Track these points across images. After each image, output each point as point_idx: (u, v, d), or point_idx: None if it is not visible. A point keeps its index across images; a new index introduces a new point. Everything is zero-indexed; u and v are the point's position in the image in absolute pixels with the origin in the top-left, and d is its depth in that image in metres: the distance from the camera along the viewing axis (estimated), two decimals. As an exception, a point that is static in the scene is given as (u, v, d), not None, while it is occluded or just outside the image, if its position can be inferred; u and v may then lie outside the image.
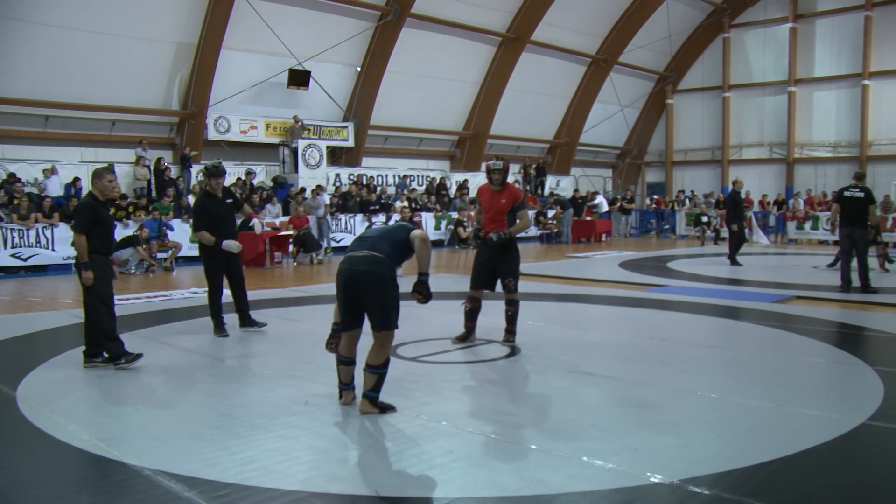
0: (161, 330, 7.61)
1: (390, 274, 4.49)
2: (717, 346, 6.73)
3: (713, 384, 5.28)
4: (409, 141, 23.23)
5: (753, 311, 8.61)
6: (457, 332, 6.87)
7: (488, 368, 5.91)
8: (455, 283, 10.58)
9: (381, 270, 4.44)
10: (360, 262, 4.46)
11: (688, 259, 15.83)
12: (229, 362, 6.08)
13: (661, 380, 5.39)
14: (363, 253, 4.50)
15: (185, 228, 15.32)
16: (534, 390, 5.28)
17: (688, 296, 9.79)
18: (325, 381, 5.37)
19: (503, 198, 6.58)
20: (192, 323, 8.06)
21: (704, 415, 4.56)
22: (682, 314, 8.50)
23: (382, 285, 4.43)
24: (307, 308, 9.22)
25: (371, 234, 4.74)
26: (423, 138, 23.55)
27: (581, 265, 14.65)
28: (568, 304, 9.35)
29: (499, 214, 6.57)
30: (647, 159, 31.36)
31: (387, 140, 22.91)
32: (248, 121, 19.19)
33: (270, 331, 7.55)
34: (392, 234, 4.67)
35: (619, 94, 27.84)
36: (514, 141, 26.23)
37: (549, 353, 6.39)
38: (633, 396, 5.00)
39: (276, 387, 5.26)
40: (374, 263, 4.44)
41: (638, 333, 7.29)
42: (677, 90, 29.86)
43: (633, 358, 6.18)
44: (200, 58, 17.49)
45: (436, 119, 23.33)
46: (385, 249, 4.52)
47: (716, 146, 28.76)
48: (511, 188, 6.64)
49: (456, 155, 24.97)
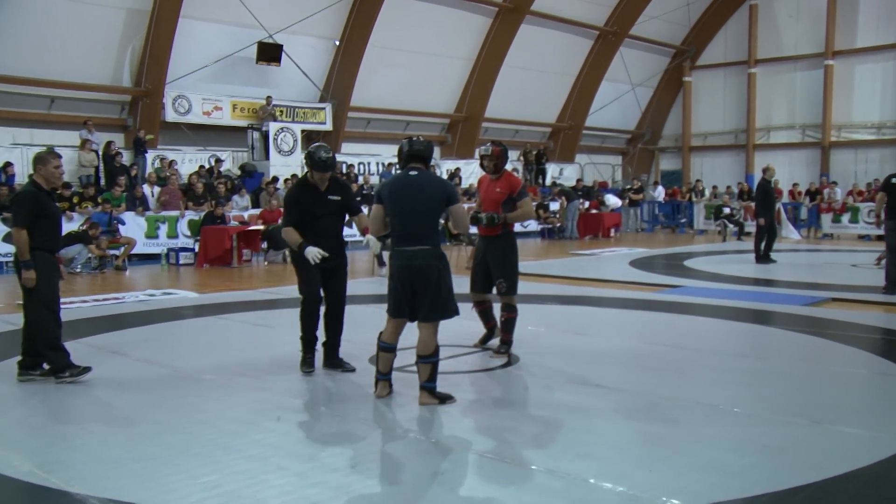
0: (113, 338, 7.56)
1: (443, 262, 5.10)
2: (741, 354, 6.76)
3: (737, 397, 5.29)
4: (394, 124, 23.21)
5: (783, 315, 8.65)
6: (453, 337, 6.92)
7: (484, 379, 5.92)
8: None
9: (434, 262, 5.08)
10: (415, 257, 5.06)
11: (707, 256, 15.88)
12: (191, 374, 6.05)
13: (678, 392, 5.41)
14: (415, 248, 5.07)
15: (139, 222, 15.27)
16: (534, 404, 5.29)
17: (707, 298, 9.80)
18: (300, 394, 5.35)
19: (498, 186, 6.59)
20: (149, 330, 8.01)
21: (727, 432, 4.57)
22: (700, 318, 8.52)
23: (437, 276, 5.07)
24: (279, 312, 9.19)
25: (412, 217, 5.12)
26: (409, 122, 23.52)
27: (587, 263, 14.66)
28: (572, 308, 9.36)
29: (494, 205, 6.57)
30: (662, 145, 31.46)
31: (369, 123, 22.87)
32: (211, 101, 19.12)
33: (238, 337, 7.52)
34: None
35: (630, 72, 27.91)
36: (512, 125, 26.26)
37: (552, 362, 6.39)
38: (645, 411, 5.01)
39: (244, 400, 5.24)
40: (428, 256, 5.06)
41: (651, 340, 7.31)
42: (696, 66, 29.94)
43: (645, 368, 6.19)
44: (155, 27, 17.37)
45: (424, 100, 23.33)
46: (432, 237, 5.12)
47: (740, 129, 28.85)
48: (508, 176, 6.65)
49: (447, 140, 24.97)
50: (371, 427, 4.74)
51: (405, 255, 5.05)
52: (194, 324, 8.41)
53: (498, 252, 6.57)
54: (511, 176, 6.68)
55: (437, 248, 5.10)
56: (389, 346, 5.24)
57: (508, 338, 6.65)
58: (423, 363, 5.11)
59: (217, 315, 8.84)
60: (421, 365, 5.13)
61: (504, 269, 6.56)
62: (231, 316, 8.76)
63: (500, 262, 6.56)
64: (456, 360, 6.47)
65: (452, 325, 7.08)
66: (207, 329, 8.12)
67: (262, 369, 6.15)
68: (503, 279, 6.55)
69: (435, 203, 5.05)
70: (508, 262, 6.58)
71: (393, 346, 5.24)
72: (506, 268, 6.57)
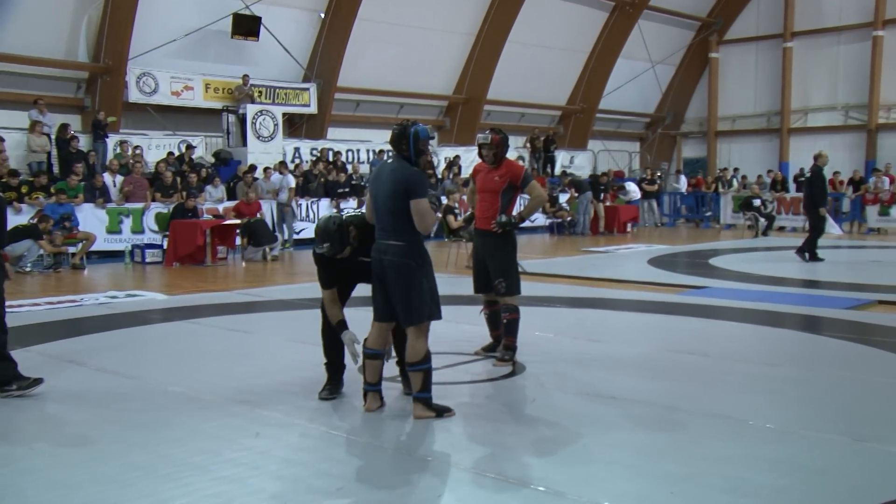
0: (68, 345, 7.55)
1: (416, 261, 5.06)
2: (774, 363, 6.75)
3: (769, 411, 5.29)
4: (386, 107, 23.21)
5: (822, 320, 8.66)
6: (453, 344, 6.94)
7: (486, 390, 5.92)
8: (445, 284, 10.39)
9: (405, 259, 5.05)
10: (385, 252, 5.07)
11: (735, 254, 15.89)
12: (158, 386, 6.04)
13: (703, 405, 5.40)
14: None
15: (99, 215, 15.25)
16: (541, 417, 5.28)
17: (735, 300, 9.82)
18: (279, 407, 5.35)
19: (497, 175, 6.57)
20: (111, 336, 8.00)
21: (758, 450, 4.56)
22: (728, 323, 8.53)
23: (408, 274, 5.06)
24: (258, 316, 9.19)
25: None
26: (403, 104, 23.52)
27: (600, 262, 14.67)
28: (584, 311, 9.37)
29: (491, 196, 6.57)
30: (685, 129, 31.49)
31: (358, 106, 22.87)
32: (181, 79, 19.12)
33: (212, 344, 7.51)
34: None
35: (650, 48, 27.92)
36: (518, 107, 26.29)
37: (561, 370, 6.39)
38: (666, 425, 5.01)
39: (218, 415, 5.24)
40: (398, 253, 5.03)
41: (672, 347, 7.32)
42: (724, 41, 29.94)
43: (666, 377, 6.19)
44: (115, -7, 17.29)
45: (420, 80, 23.32)
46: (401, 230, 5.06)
47: (773, 111, 28.88)
48: (508, 163, 6.64)
49: (445, 125, 24.98)
50: (360, 444, 4.73)
51: (379, 248, 5.15)
52: (162, 329, 8.39)
53: (494, 249, 6.57)
54: (511, 162, 6.68)
55: (411, 245, 5.07)
56: (375, 353, 5.26)
57: (512, 342, 6.63)
58: (413, 371, 5.14)
59: (188, 319, 8.83)
60: (411, 373, 5.16)
61: (502, 267, 6.55)
62: (204, 320, 8.75)
63: (498, 260, 6.55)
64: (455, 369, 6.46)
65: (451, 330, 7.09)
66: (177, 335, 8.10)
67: (238, 380, 6.14)
68: (502, 279, 6.53)
69: (398, 196, 5.02)
70: (506, 260, 6.57)
71: (379, 352, 5.27)
72: (504, 266, 6.55)
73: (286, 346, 7.59)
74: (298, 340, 7.56)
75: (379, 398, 5.32)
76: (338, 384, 5.70)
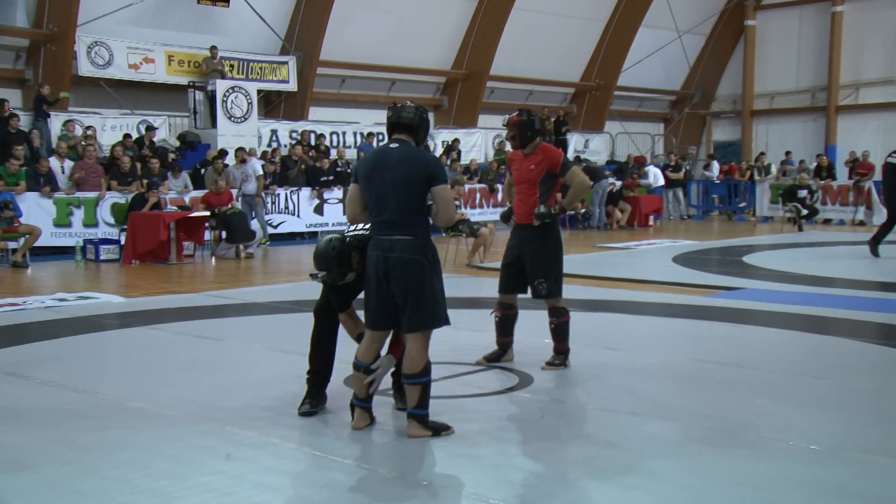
0: (8, 355, 7.53)
1: (429, 258, 5.15)
2: (818, 374, 6.76)
3: (813, 430, 5.29)
4: (375, 84, 23.20)
5: (872, 326, 8.65)
6: (451, 352, 6.96)
7: (488, 405, 5.92)
8: (445, 283, 10.32)
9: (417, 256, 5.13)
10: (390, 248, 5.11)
11: (773, 251, 15.94)
12: (115, 401, 6.04)
13: (736, 423, 5.41)
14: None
15: (45, 206, 15.21)
16: (552, 436, 5.29)
17: (773, 303, 9.84)
18: (254, 425, 5.35)
19: (532, 163, 6.73)
20: (59, 344, 7.99)
21: (801, 474, 4.57)
22: (764, 329, 8.55)
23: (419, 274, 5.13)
24: (231, 321, 9.21)
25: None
26: (395, 80, 23.51)
27: (618, 260, 14.72)
28: (600, 315, 9.40)
29: (528, 187, 6.75)
30: (716, 108, 31.49)
31: (344, 83, 22.84)
32: (140, 50, 19.09)
33: (176, 353, 7.52)
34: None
35: (676, 16, 27.96)
36: (525, 84, 26.28)
37: (574, 383, 6.41)
38: (694, 446, 5.02)
39: (184, 433, 5.23)
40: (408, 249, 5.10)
41: (701, 356, 7.33)
42: (762, 6, 29.93)
43: (693, 391, 6.21)
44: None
45: (414, 53, 23.30)
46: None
47: (818, 87, 28.83)
48: (544, 148, 6.79)
49: (442, 104, 24.97)
50: (346, 467, 4.73)
51: (382, 245, 5.12)
52: (119, 336, 8.39)
53: (536, 245, 6.74)
54: (548, 148, 6.82)
55: (422, 240, 5.15)
56: (365, 366, 5.27)
57: (564, 346, 6.84)
58: (411, 384, 5.14)
59: (149, 325, 8.83)
60: (408, 387, 5.15)
61: (544, 265, 6.72)
62: (168, 326, 8.74)
63: (540, 258, 6.73)
64: (454, 381, 6.47)
65: (450, 337, 7.08)
66: (136, 343, 8.09)
67: (207, 394, 6.13)
68: (543, 279, 6.69)
69: (415, 184, 5.09)
70: (550, 258, 6.76)
71: (369, 365, 5.27)
72: (547, 264, 6.73)
73: (263, 355, 7.59)
74: (277, 349, 7.56)
75: (368, 415, 5.33)
76: (320, 397, 5.71)
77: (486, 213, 20.85)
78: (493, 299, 7.20)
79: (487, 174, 21.99)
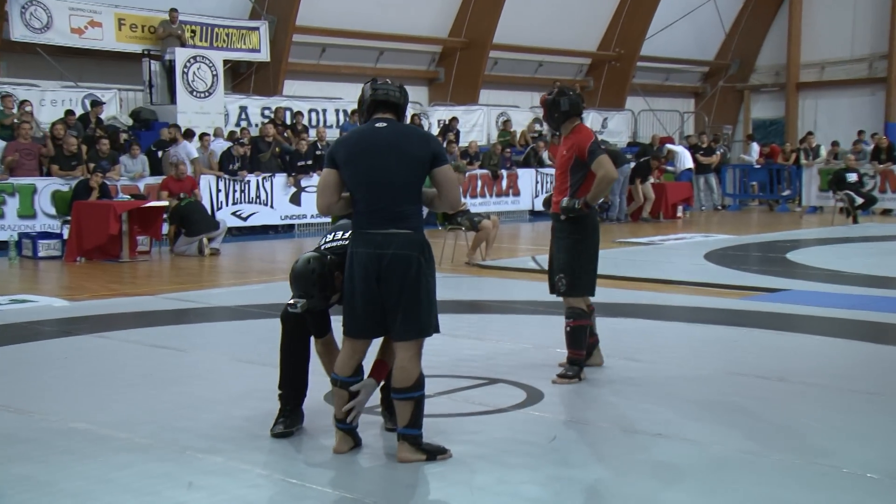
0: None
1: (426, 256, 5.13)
2: (876, 390, 6.76)
3: (870, 455, 5.28)
4: (360, 54, 23.19)
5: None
6: (449, 363, 7.05)
7: (491, 424, 5.92)
8: (442, 285, 10.31)
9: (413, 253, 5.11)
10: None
11: (822, 246, 15.94)
12: (55, 422, 6.02)
13: (779, 446, 5.40)
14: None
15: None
16: (564, 460, 5.29)
17: (822, 307, 9.86)
18: (220, 448, 5.34)
19: (565, 148, 7.00)
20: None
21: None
22: (811, 337, 8.56)
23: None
24: (193, 328, 9.21)
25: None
26: (383, 50, 23.52)
27: (641, 257, 14.73)
28: (620, 321, 9.39)
29: (560, 174, 7.03)
30: (755, 81, 31.48)
31: (324, 52, 22.83)
32: (84, 12, 19.03)
33: (129, 366, 7.50)
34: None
35: (709, -27, 28.00)
36: (535, 54, 26.28)
37: (590, 399, 6.42)
38: (730, 472, 5.00)
39: (138, 459, 5.21)
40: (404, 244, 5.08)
41: (737, 368, 7.33)
42: (809, -39, 29.86)
43: (728, 408, 6.19)
44: None
45: (405, 18, 23.31)
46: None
47: (877, 55, 28.76)
48: (578, 131, 6.99)
49: (438, 77, 24.96)
50: (327, 498, 4.73)
51: (374, 240, 5.06)
52: (62, 346, 8.37)
53: (561, 238, 6.97)
54: (582, 130, 7.02)
55: (419, 234, 5.13)
56: (347, 380, 5.25)
57: (577, 355, 6.96)
58: (402, 399, 5.12)
59: (97, 333, 8.82)
60: (398, 402, 5.14)
61: (566, 260, 6.92)
62: (119, 334, 8.73)
63: (563, 253, 6.93)
64: (452, 397, 6.46)
65: (448, 346, 7.07)
66: (82, 354, 8.07)
67: (165, 412, 6.12)
68: (563, 274, 6.89)
69: (415, 166, 5.07)
70: (573, 252, 6.93)
71: (351, 379, 5.26)
72: (568, 259, 6.91)
73: (230, 367, 7.59)
74: (246, 360, 7.56)
75: (352, 437, 5.31)
76: (295, 416, 5.70)
77: (489, 204, 20.86)
78: (496, 302, 7.22)
79: (490, 158, 21.96)
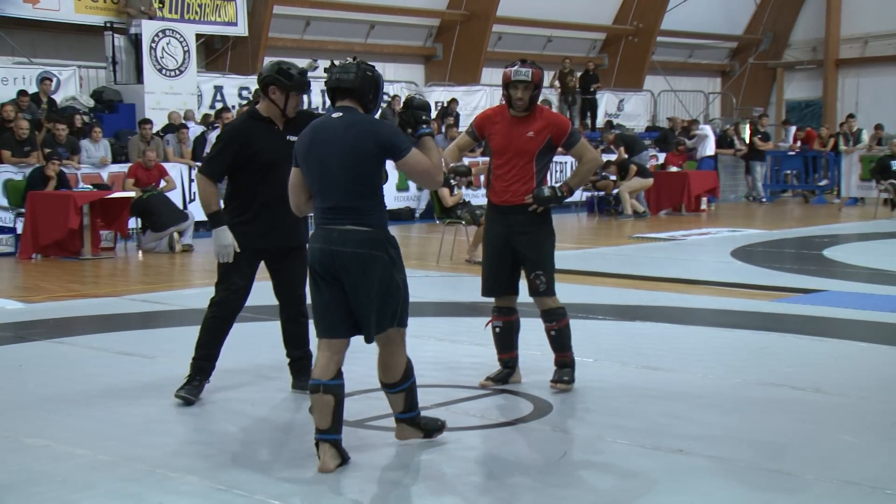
0: None
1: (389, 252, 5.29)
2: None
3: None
4: (349, 28, 23.22)
5: None
6: (448, 371, 7.05)
7: (494, 438, 5.92)
8: (441, 285, 10.54)
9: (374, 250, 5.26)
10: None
11: (863, 242, 15.94)
12: (8, 438, 6.01)
13: (814, 464, 5.39)
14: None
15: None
16: (573, 482, 5.28)
17: (862, 309, 9.84)
18: (194, 467, 5.33)
19: (530, 129, 6.70)
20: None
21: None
22: (850, 344, 8.53)
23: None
24: (162, 333, 9.22)
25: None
26: (374, 23, 23.53)
27: (661, 254, 14.74)
28: (637, 325, 9.43)
29: (522, 160, 6.72)
30: (789, 58, 31.45)
31: (309, 26, 22.85)
32: (38, -21, 18.99)
33: (91, 374, 7.49)
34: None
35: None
36: (542, 28, 26.27)
37: (605, 412, 6.42)
38: (759, 492, 5.00)
39: (101, 479, 5.19)
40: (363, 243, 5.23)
41: (767, 377, 7.33)
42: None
43: (758, 422, 6.20)
44: None
45: (398, -11, 23.33)
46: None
47: (925, 28, 28.68)
48: (546, 114, 6.85)
49: (436, 54, 24.97)
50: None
51: (329, 236, 5.24)
52: (15, 353, 8.35)
53: (530, 233, 6.78)
54: (551, 113, 6.93)
55: (379, 231, 5.29)
56: (330, 384, 5.23)
57: (568, 357, 6.91)
58: (393, 393, 5.47)
59: (56, 338, 8.81)
60: (391, 396, 5.49)
61: (541, 257, 6.78)
62: (80, 339, 8.73)
63: (535, 248, 6.78)
64: (451, 409, 6.44)
65: (448, 353, 7.04)
66: (39, 362, 8.06)
67: (131, 426, 6.11)
68: (541, 271, 6.73)
69: (365, 159, 5.21)
70: (547, 247, 6.83)
71: (333, 382, 5.25)
72: (543, 255, 6.79)
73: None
74: (220, 367, 7.51)
75: (338, 452, 5.25)
76: (201, 389, 6.62)
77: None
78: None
79: (493, 145, 21.94)
